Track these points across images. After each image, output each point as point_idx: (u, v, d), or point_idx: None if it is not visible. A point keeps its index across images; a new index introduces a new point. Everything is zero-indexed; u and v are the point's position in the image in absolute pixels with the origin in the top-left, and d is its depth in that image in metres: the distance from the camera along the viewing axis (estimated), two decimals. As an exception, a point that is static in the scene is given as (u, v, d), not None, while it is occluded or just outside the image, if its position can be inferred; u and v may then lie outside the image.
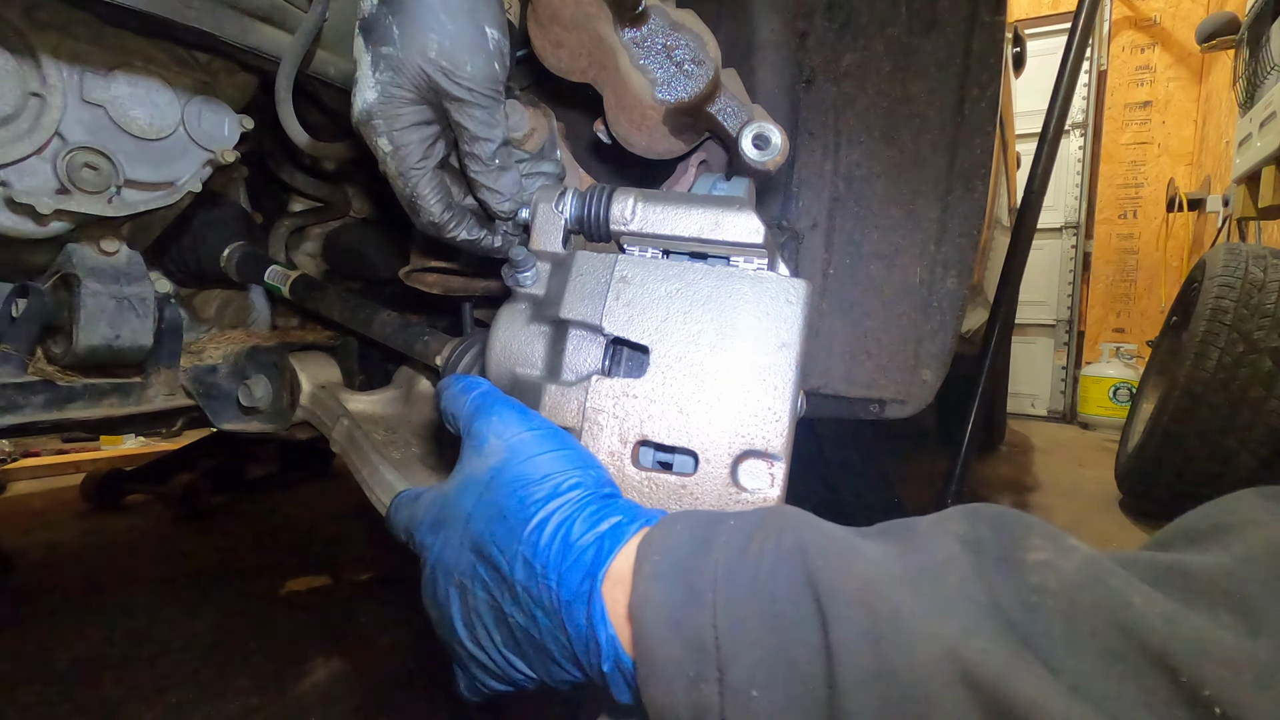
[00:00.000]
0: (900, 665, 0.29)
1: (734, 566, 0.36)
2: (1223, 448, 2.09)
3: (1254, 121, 2.71)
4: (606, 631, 0.38)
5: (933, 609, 0.31)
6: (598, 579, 0.39)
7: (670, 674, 0.35)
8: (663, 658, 0.35)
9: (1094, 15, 1.92)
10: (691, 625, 0.35)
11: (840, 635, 0.31)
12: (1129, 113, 5.17)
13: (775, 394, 0.49)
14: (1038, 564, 0.32)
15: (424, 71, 0.58)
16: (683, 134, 0.76)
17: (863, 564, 0.33)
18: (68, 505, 2.40)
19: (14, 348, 0.79)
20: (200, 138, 0.78)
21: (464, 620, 0.45)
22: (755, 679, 0.33)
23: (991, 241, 2.07)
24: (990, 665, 0.28)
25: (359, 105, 0.60)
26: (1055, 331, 5.42)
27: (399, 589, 1.71)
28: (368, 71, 0.59)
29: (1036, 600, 0.30)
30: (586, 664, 0.40)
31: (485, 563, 0.43)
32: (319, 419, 0.95)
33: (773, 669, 0.33)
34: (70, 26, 0.67)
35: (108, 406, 0.87)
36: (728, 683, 0.33)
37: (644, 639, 0.36)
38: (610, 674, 0.39)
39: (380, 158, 0.62)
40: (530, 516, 0.43)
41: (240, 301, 1.13)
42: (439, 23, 0.57)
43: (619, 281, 0.52)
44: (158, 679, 1.29)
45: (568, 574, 0.40)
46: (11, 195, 0.67)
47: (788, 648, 0.33)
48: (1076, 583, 0.30)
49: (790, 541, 0.36)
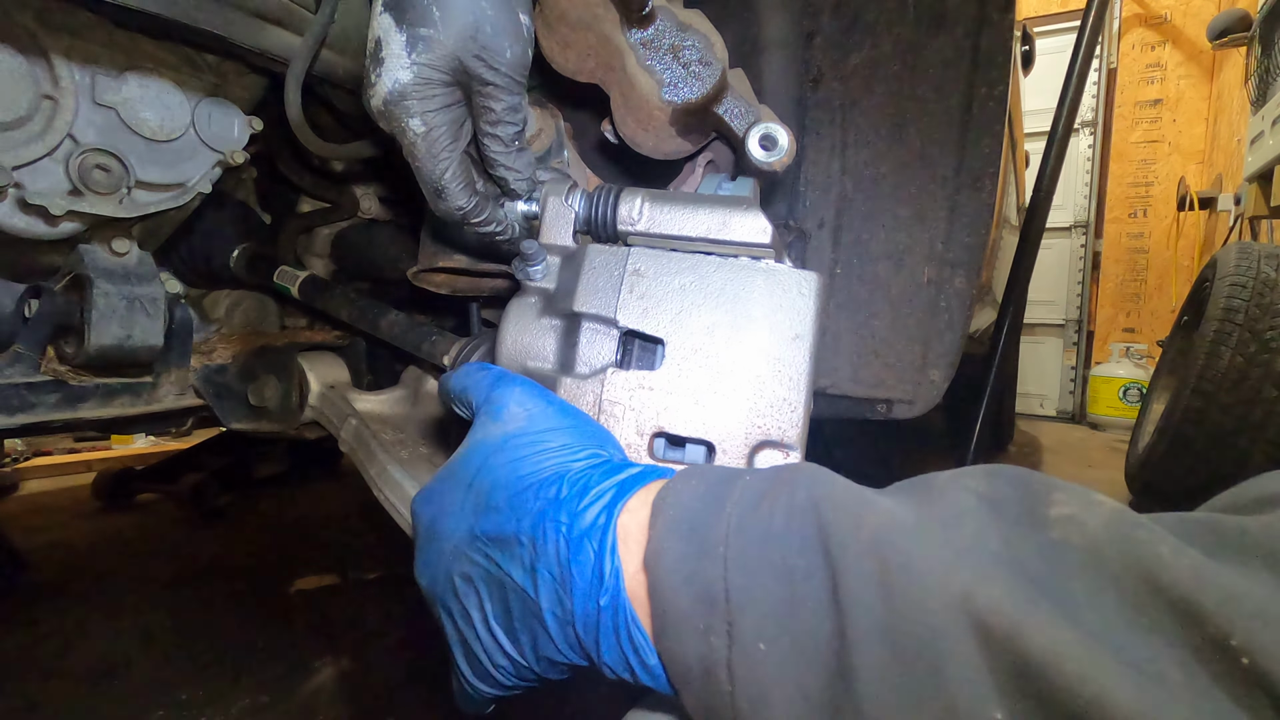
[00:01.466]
0: (911, 616, 0.29)
1: (746, 520, 0.36)
2: (1235, 448, 2.07)
3: (1266, 119, 2.69)
4: (613, 563, 0.38)
5: (945, 559, 0.30)
6: (614, 512, 0.39)
7: (683, 626, 0.35)
8: (675, 610, 0.35)
9: (1103, 13, 1.91)
10: (703, 578, 0.35)
11: (850, 587, 0.31)
12: (1139, 111, 5.13)
13: (790, 385, 0.49)
14: (1060, 519, 0.31)
15: (463, 54, 0.57)
16: (689, 134, 0.76)
17: (875, 516, 0.33)
18: (79, 504, 2.42)
19: (27, 348, 0.79)
20: (210, 139, 0.79)
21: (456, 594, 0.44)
22: (763, 631, 0.33)
23: (1000, 241, 2.06)
24: (1004, 614, 0.27)
25: (388, 85, 0.57)
26: (1064, 331, 5.39)
27: (407, 588, 1.72)
28: (401, 52, 0.57)
29: (1057, 554, 0.29)
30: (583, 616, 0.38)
31: (487, 524, 0.42)
32: (327, 418, 0.95)
33: (781, 622, 0.32)
34: (82, 29, 0.68)
35: (119, 406, 0.88)
36: (736, 635, 0.33)
37: (659, 591, 0.36)
38: (605, 610, 0.37)
39: (409, 140, 0.60)
40: (542, 473, 0.42)
41: (249, 302, 1.14)
42: (480, 7, 0.57)
43: (632, 274, 0.53)
44: (167, 677, 1.30)
45: (580, 515, 0.39)
46: (24, 196, 0.67)
47: (797, 601, 0.32)
48: (1101, 536, 0.29)
49: (803, 496, 0.36)
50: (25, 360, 0.79)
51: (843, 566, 0.31)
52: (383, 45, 0.57)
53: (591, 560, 0.38)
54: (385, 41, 0.57)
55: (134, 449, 3.24)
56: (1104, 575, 0.28)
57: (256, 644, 1.43)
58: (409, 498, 0.80)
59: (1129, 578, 0.28)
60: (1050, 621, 0.26)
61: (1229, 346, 2.07)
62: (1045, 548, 0.30)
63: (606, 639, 0.38)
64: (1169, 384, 2.69)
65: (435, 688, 1.27)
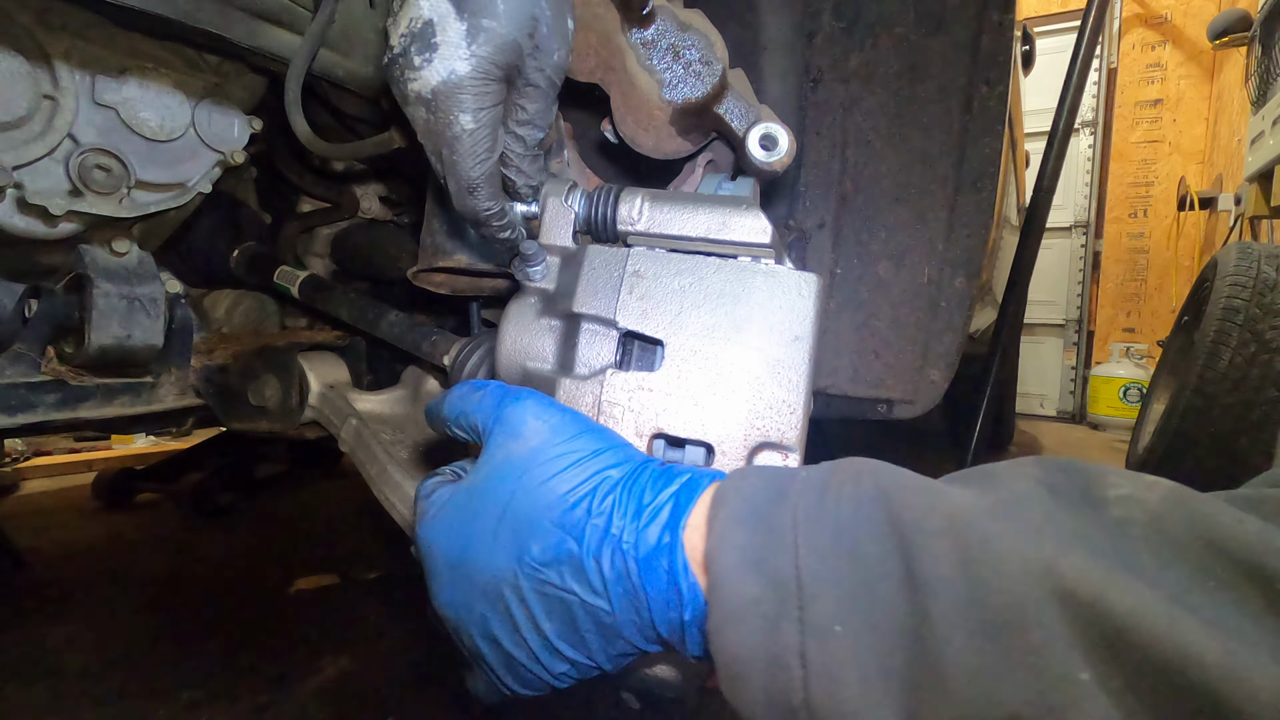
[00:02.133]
0: (995, 588, 0.30)
1: (813, 509, 0.36)
2: (1235, 448, 2.07)
3: (1266, 119, 2.69)
4: (688, 580, 0.38)
5: (1024, 535, 0.31)
6: (678, 530, 0.39)
7: (747, 616, 0.35)
8: (739, 600, 0.35)
9: (1104, 13, 1.91)
10: (772, 565, 0.35)
11: (928, 567, 0.32)
12: (1139, 111, 5.13)
13: (789, 387, 0.49)
14: (1120, 498, 0.32)
15: (519, 52, 0.55)
16: (690, 134, 0.76)
17: (946, 501, 0.34)
18: (79, 504, 2.42)
19: (27, 348, 0.79)
20: (210, 139, 0.79)
21: (501, 619, 0.43)
22: (839, 615, 0.33)
23: (1000, 241, 2.06)
24: (1087, 580, 0.28)
25: (442, 74, 0.54)
26: (1064, 331, 5.39)
27: (407, 588, 1.72)
28: (460, 41, 0.53)
29: (1121, 530, 0.31)
30: (665, 623, 0.39)
31: (536, 547, 0.41)
32: (327, 418, 0.95)
33: (856, 604, 0.33)
34: (82, 29, 0.68)
35: (119, 406, 0.88)
36: (809, 620, 0.33)
37: (721, 583, 0.36)
38: (689, 624, 0.38)
39: (454, 134, 0.56)
40: (584, 487, 0.42)
41: (249, 301, 1.14)
42: (540, 5, 0.55)
43: (632, 275, 0.53)
44: (168, 677, 1.30)
45: (644, 533, 0.39)
46: (24, 196, 0.67)
47: (872, 584, 0.33)
48: (1162, 510, 0.31)
49: (869, 484, 0.36)
50: (25, 360, 0.79)
51: (918, 548, 0.32)
52: (436, 29, 0.53)
53: (664, 578, 0.39)
54: (440, 26, 0.53)
55: (134, 449, 3.24)
56: (1170, 545, 0.30)
57: (256, 643, 1.43)
58: (409, 498, 0.80)
59: (1195, 546, 0.29)
60: (1130, 587, 0.28)
61: (1229, 346, 2.07)
62: (1109, 525, 0.31)
63: (693, 640, 0.39)
64: (1169, 384, 2.69)
65: (436, 687, 1.27)
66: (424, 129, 0.57)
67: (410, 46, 0.54)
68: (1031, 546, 0.30)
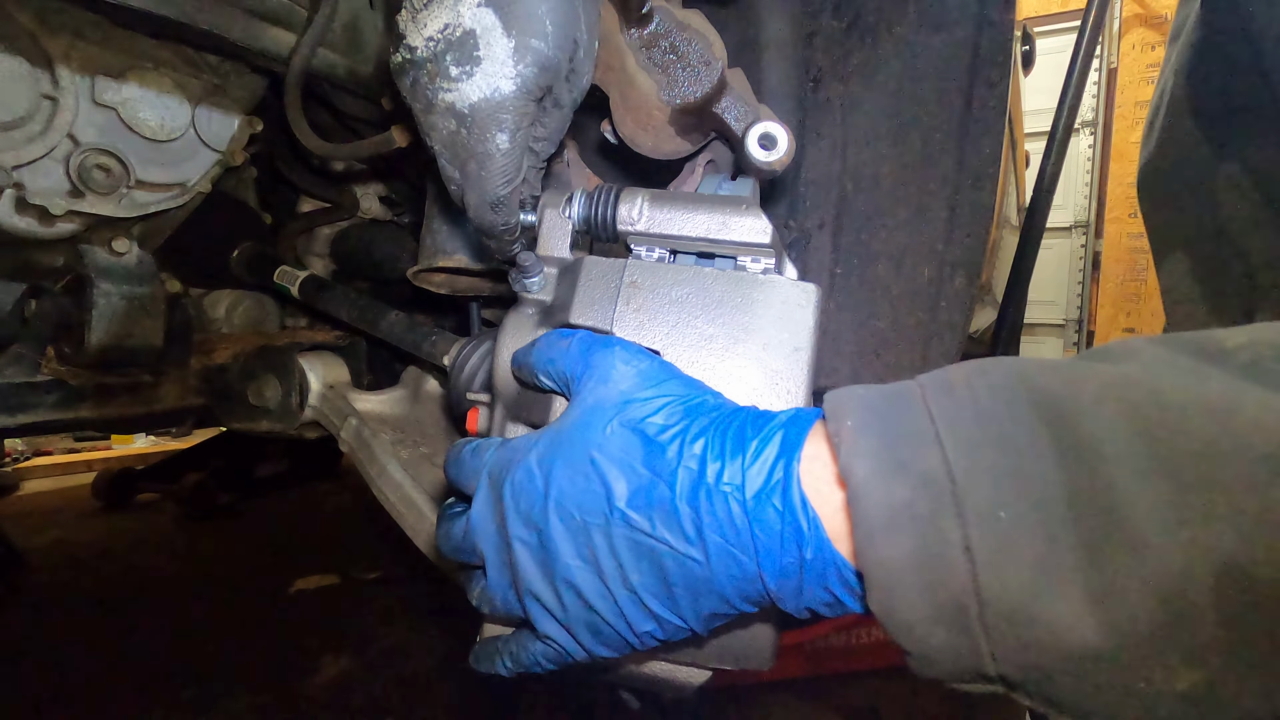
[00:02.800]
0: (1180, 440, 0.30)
1: (946, 405, 0.35)
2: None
3: (1266, 119, 2.69)
4: (808, 514, 0.36)
5: (1187, 385, 0.31)
6: (792, 464, 0.37)
7: (899, 520, 0.33)
8: (888, 506, 0.34)
9: (1104, 12, 1.91)
10: (918, 465, 0.34)
11: (1098, 431, 0.31)
12: (1140, 110, 5.12)
13: (788, 398, 0.49)
14: (1239, 346, 0.33)
15: (559, 75, 0.54)
16: (689, 134, 0.76)
17: (1091, 372, 0.33)
18: (79, 503, 2.42)
19: (27, 348, 0.79)
20: (210, 139, 0.79)
21: (588, 568, 0.41)
22: (1000, 500, 0.32)
23: (1000, 241, 2.06)
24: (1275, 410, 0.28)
25: (485, 91, 0.52)
26: (1065, 331, 5.39)
27: (406, 588, 1.72)
28: (506, 58, 0.51)
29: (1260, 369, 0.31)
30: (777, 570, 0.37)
31: (627, 491, 0.40)
32: (327, 418, 0.95)
33: (1016, 487, 0.32)
34: (82, 30, 0.68)
35: (119, 406, 0.88)
36: (968, 512, 0.32)
37: (863, 494, 0.34)
38: (810, 563, 0.36)
39: (487, 151, 0.54)
40: (683, 428, 0.40)
41: (249, 302, 1.14)
42: (580, 30, 0.55)
43: (629, 286, 0.52)
44: (169, 676, 1.30)
45: (749, 472, 0.37)
46: (24, 196, 0.67)
47: (1025, 465, 0.32)
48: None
49: (1000, 374, 0.35)
50: (25, 360, 0.79)
51: (1081, 416, 0.32)
52: (481, 43, 0.51)
53: (777, 518, 0.37)
54: (484, 40, 0.51)
55: (134, 449, 3.24)
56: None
57: (256, 644, 1.43)
58: (409, 498, 0.80)
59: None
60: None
61: (1229, 346, 2.06)
62: (1246, 367, 0.32)
63: (811, 585, 0.37)
64: (1169, 384, 2.69)
65: (436, 686, 1.27)
66: (448, 140, 0.55)
67: (444, 54, 0.52)
68: (1202, 391, 0.30)
